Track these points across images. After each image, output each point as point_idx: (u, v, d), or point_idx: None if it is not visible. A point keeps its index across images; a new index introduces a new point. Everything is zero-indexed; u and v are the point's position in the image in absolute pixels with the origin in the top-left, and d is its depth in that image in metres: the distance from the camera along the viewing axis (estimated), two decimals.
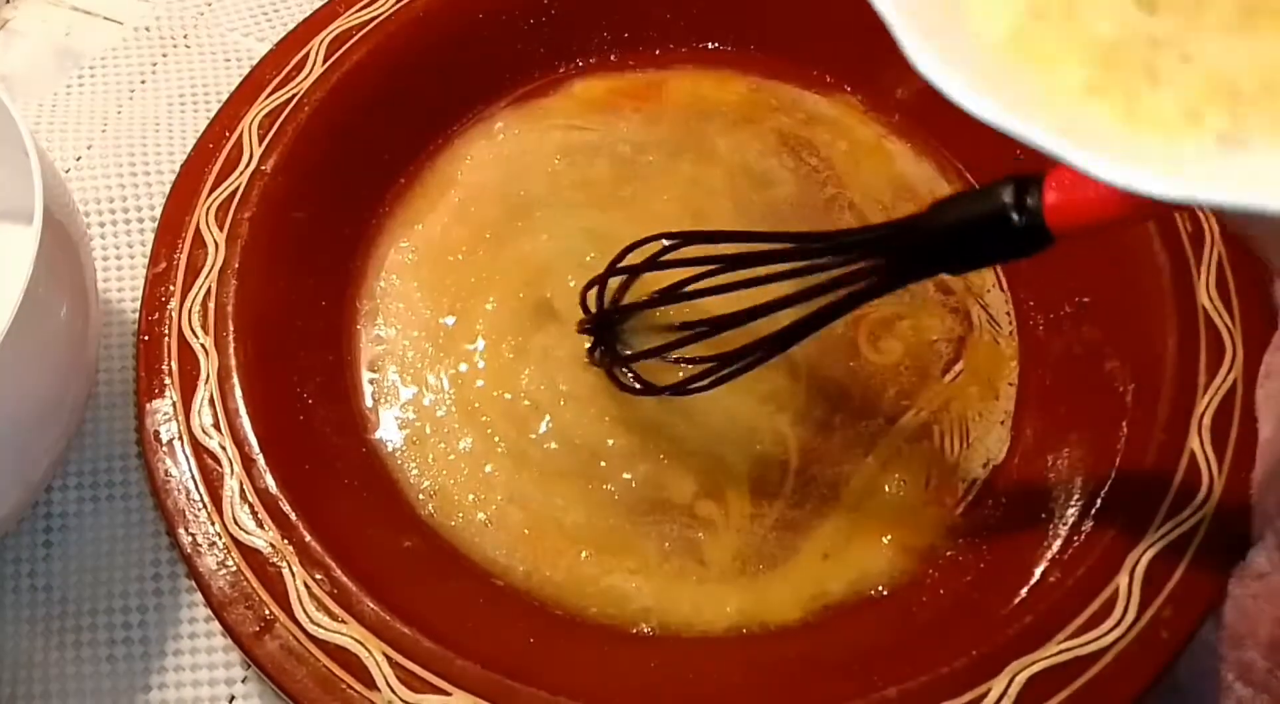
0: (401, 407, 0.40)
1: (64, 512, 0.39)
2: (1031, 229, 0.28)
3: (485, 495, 0.38)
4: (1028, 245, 0.29)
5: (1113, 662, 0.32)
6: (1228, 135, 0.19)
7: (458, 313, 0.42)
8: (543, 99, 0.48)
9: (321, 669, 0.32)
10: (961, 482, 0.39)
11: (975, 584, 0.36)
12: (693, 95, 0.48)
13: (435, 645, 0.33)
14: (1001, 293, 0.43)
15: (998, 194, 0.29)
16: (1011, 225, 0.28)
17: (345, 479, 0.38)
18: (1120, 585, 0.33)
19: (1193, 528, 0.34)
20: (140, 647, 0.37)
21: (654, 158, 0.46)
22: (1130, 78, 0.20)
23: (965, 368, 0.41)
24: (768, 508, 0.38)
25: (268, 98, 0.42)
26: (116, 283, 0.44)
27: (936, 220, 0.31)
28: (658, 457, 0.39)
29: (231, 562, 0.34)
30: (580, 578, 0.37)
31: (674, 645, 0.35)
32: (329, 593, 0.33)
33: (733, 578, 0.37)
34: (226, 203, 0.40)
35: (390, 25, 0.45)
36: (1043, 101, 0.20)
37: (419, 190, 0.46)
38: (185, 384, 0.36)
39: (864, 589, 0.37)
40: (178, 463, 0.35)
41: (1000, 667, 0.32)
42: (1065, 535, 0.35)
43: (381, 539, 0.37)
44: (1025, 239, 0.28)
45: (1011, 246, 0.29)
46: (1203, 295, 0.38)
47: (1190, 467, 0.35)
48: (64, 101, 0.49)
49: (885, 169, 0.46)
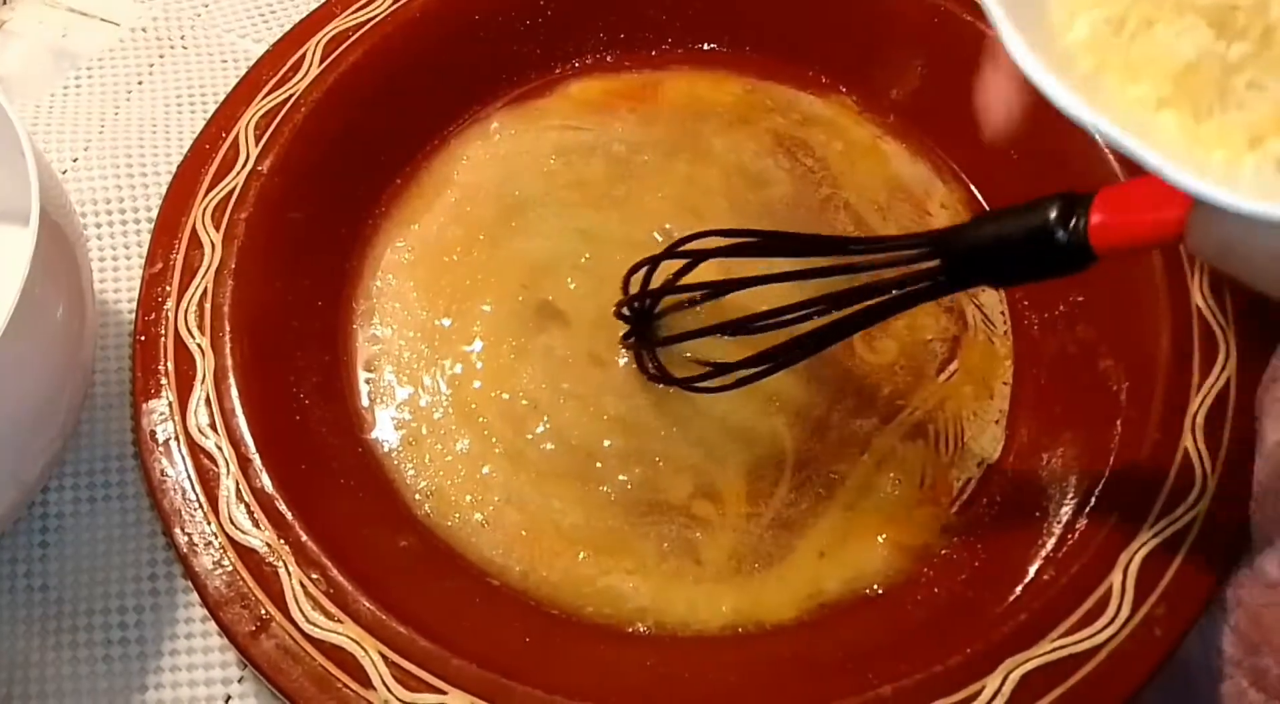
0: (398, 406, 0.40)
1: (60, 512, 0.39)
2: (1075, 247, 0.28)
3: (482, 496, 0.39)
4: (1070, 263, 0.29)
5: (1106, 659, 0.32)
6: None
7: (454, 313, 0.42)
8: (539, 100, 0.48)
9: (317, 668, 0.32)
10: (956, 480, 0.39)
11: (970, 582, 0.36)
12: (688, 96, 0.48)
13: (431, 645, 0.33)
14: (996, 293, 0.43)
15: (1044, 210, 0.29)
16: (1055, 242, 0.28)
17: (341, 479, 0.38)
18: (1114, 583, 0.33)
19: (1186, 525, 0.34)
20: (137, 647, 0.37)
21: (649, 158, 0.46)
22: (1201, 98, 0.21)
23: (960, 367, 0.42)
24: (764, 507, 0.38)
25: (264, 98, 0.42)
26: (113, 283, 0.44)
27: (981, 231, 0.31)
28: (654, 458, 0.39)
29: (227, 561, 0.34)
30: (577, 578, 0.37)
31: (670, 645, 0.36)
32: (325, 592, 0.33)
33: (729, 577, 0.37)
34: (223, 203, 0.40)
35: (387, 26, 0.45)
36: (1112, 106, 0.21)
37: (415, 191, 0.46)
38: (181, 384, 0.37)
39: (859, 588, 0.37)
40: (174, 463, 0.35)
41: (994, 664, 0.32)
42: (1059, 533, 0.36)
43: (378, 538, 0.37)
44: (1068, 257, 0.28)
45: (1054, 263, 0.29)
46: (1196, 295, 0.38)
47: (1184, 464, 0.35)
48: (61, 102, 0.49)
49: (881, 170, 0.46)
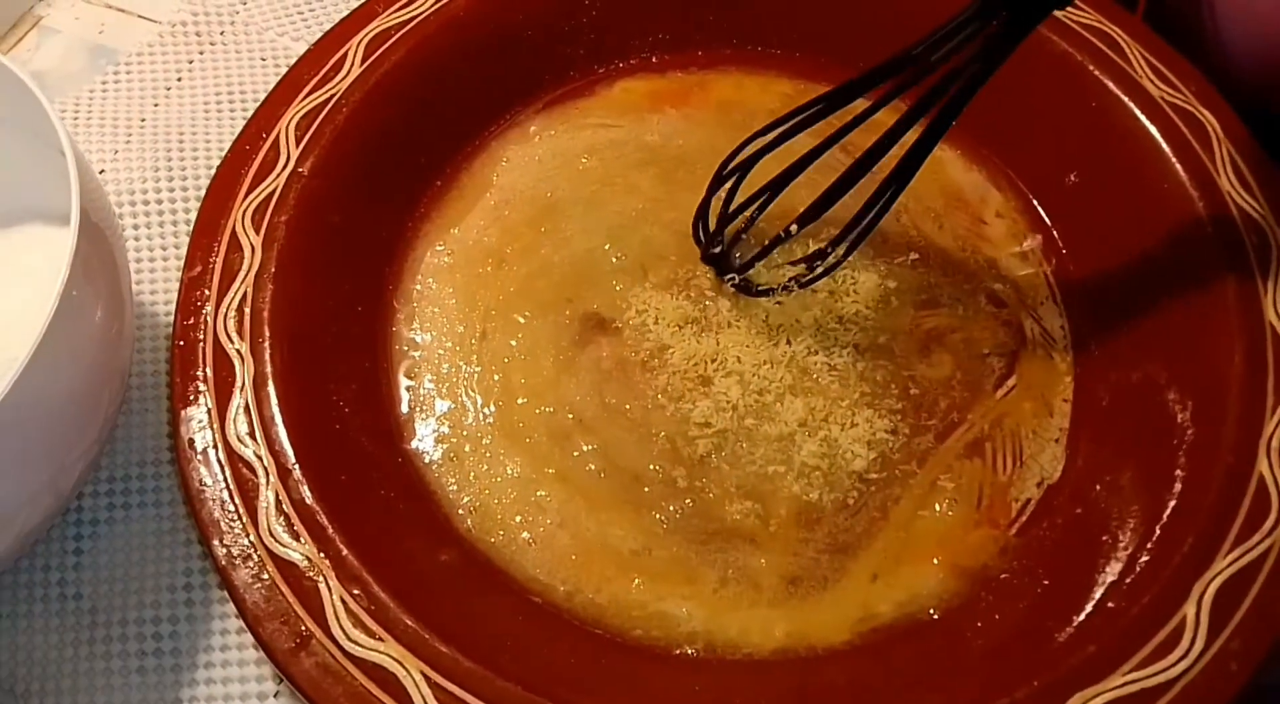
0: (438, 419, 0.39)
1: (94, 518, 0.39)
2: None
3: (534, 517, 0.37)
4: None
5: (1179, 695, 0.31)
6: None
7: (494, 319, 0.41)
8: (580, 100, 0.47)
9: (358, 688, 0.31)
10: (1015, 501, 0.38)
11: (1031, 609, 0.35)
12: (735, 97, 0.47)
13: (475, 665, 0.32)
14: (1055, 305, 0.42)
15: None
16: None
17: (381, 490, 0.37)
18: (1188, 615, 0.32)
19: (1262, 555, 0.33)
20: (171, 658, 0.36)
21: (698, 159, 0.45)
22: None
23: (1019, 383, 0.40)
24: (817, 529, 0.37)
25: (305, 99, 0.42)
26: (150, 285, 0.43)
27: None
28: (707, 478, 0.38)
29: (267, 575, 0.33)
30: (628, 602, 0.36)
31: (719, 668, 0.34)
32: (366, 609, 0.32)
33: (782, 601, 0.36)
34: (263, 206, 0.39)
35: (429, 26, 0.44)
36: None
37: (455, 193, 0.45)
38: (220, 391, 0.36)
39: (914, 611, 0.36)
40: (212, 472, 0.34)
41: (1063, 697, 0.31)
42: (1126, 560, 0.34)
43: (418, 552, 0.36)
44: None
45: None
46: (1270, 312, 0.37)
47: (1259, 491, 0.34)
48: (98, 99, 0.48)
49: (936, 176, 0.45)
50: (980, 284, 0.42)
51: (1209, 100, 0.41)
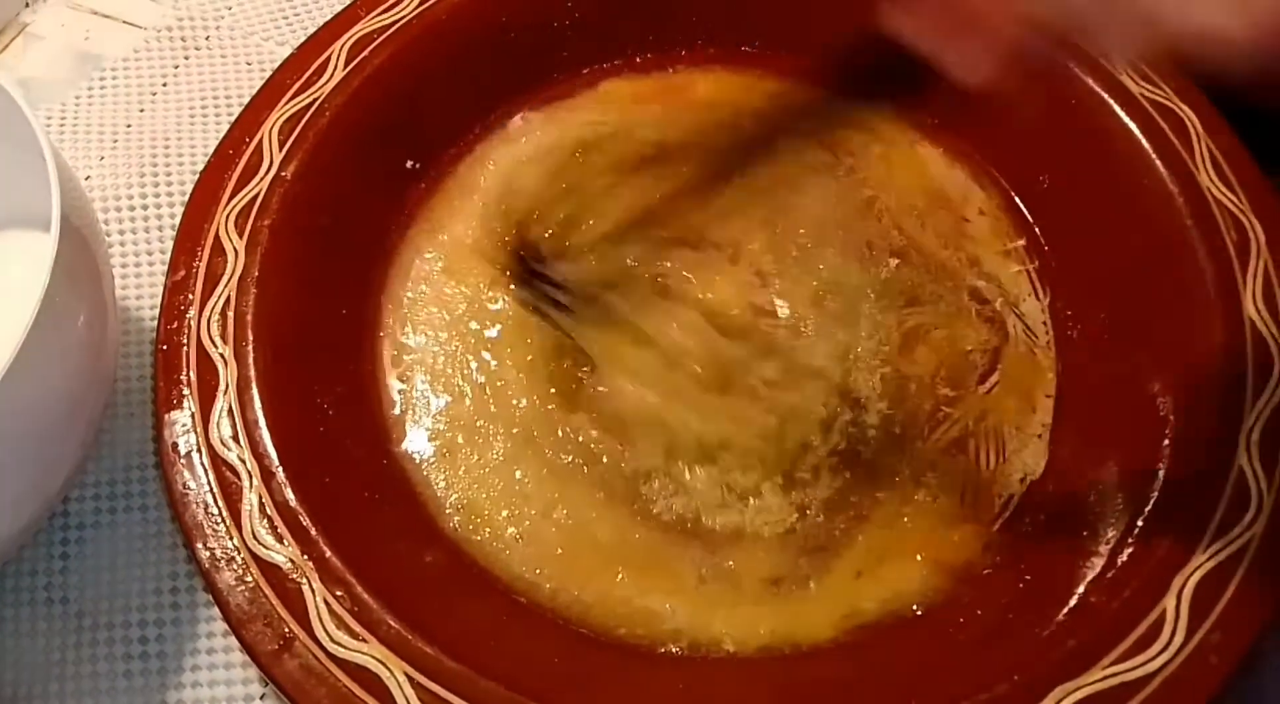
0: (433, 416, 0.39)
1: (81, 523, 0.39)
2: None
3: (519, 510, 0.37)
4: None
5: (1160, 687, 0.31)
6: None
7: (485, 320, 0.41)
8: (567, 101, 0.47)
9: (341, 689, 0.31)
10: (998, 497, 0.38)
11: (1014, 604, 0.35)
12: (720, 96, 0.47)
13: (458, 665, 0.32)
14: (1037, 302, 0.42)
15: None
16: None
17: (366, 492, 0.37)
18: (1168, 608, 0.32)
19: (1242, 547, 0.33)
20: (157, 661, 0.37)
21: (682, 157, 0.45)
22: None
23: (1001, 379, 0.40)
24: (800, 526, 0.37)
25: (288, 103, 0.42)
26: (135, 289, 0.43)
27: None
28: (694, 474, 0.38)
29: (250, 577, 0.33)
30: (612, 598, 0.36)
31: (703, 666, 0.34)
32: (349, 610, 0.32)
33: (767, 599, 0.36)
34: (246, 210, 0.39)
35: (413, 29, 0.44)
36: None
37: (442, 196, 0.45)
38: (204, 395, 0.36)
39: (898, 608, 0.36)
40: (196, 476, 0.34)
41: (1044, 692, 0.31)
42: (1108, 554, 0.34)
43: (403, 554, 0.36)
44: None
45: None
46: (1249, 306, 0.37)
47: (1239, 484, 0.34)
48: (84, 105, 0.48)
49: (918, 174, 0.45)
50: (963, 281, 0.42)
51: (1189, 96, 0.41)
